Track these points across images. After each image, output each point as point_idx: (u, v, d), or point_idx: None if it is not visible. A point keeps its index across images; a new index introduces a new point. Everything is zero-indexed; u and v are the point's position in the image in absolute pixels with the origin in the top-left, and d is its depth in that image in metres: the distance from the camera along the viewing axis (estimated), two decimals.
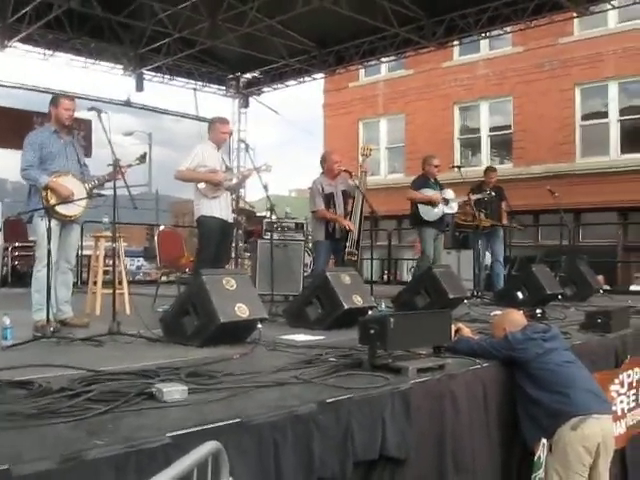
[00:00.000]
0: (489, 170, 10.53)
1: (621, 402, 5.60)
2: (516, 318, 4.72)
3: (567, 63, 18.14)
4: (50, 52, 13.80)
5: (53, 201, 5.63)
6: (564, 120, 18.33)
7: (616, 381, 5.53)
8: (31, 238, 10.09)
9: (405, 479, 3.45)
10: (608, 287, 12.58)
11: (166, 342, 4.94)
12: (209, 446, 1.96)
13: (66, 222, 5.87)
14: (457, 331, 4.82)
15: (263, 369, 3.77)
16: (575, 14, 12.36)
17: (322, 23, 12.95)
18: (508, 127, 19.95)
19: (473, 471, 3.93)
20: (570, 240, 12.68)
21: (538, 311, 6.35)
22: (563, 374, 4.21)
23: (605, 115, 18.19)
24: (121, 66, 15.02)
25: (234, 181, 7.33)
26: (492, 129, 20.41)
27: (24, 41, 13.09)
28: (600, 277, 11.99)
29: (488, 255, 10.62)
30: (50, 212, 5.48)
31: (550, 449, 4.19)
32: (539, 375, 4.24)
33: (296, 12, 11.74)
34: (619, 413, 5.55)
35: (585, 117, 18.53)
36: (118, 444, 2.36)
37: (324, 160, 8.34)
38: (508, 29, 13.44)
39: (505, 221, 10.29)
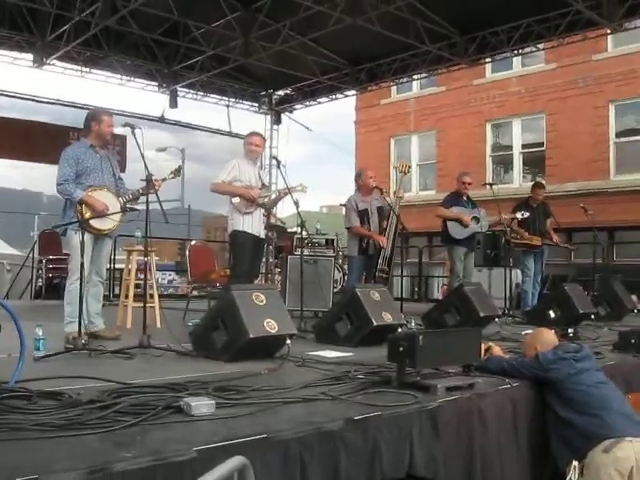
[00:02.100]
0: (536, 186, 10.34)
1: None
2: (548, 337, 4.67)
3: (601, 80, 17.97)
4: (87, 69, 14.02)
5: (88, 215, 5.70)
6: (598, 137, 18.14)
7: None
8: (65, 251, 10.23)
9: None
10: None
11: (195, 356, 4.97)
12: (235, 461, 1.96)
13: (100, 236, 5.95)
14: (487, 350, 4.79)
15: (291, 385, 3.77)
16: (609, 30, 12.24)
17: (354, 40, 12.99)
18: (541, 144, 19.80)
19: None
20: (604, 259, 12.53)
21: (570, 331, 6.26)
22: (596, 395, 4.15)
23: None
24: (155, 83, 15.22)
25: (267, 200, 7.37)
26: (524, 146, 20.26)
27: (62, 59, 13.32)
28: (634, 297, 11.79)
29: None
30: (85, 226, 5.56)
31: (582, 472, 4.12)
32: (571, 396, 4.19)
33: (328, 30, 11.81)
34: None
35: (619, 134, 18.31)
36: (146, 457, 2.38)
37: (359, 176, 8.46)
38: (541, 46, 13.31)
39: (555, 238, 10.14)
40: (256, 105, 17.26)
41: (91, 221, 5.70)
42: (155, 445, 2.54)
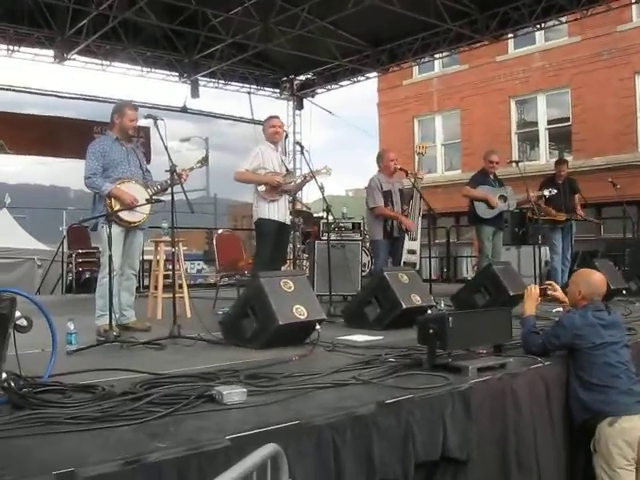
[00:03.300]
0: (559, 162, 10.22)
1: None
2: (596, 283, 4.50)
3: (626, 51, 17.65)
4: (107, 62, 14.06)
5: (117, 208, 5.74)
6: (625, 110, 17.85)
7: None
8: (95, 245, 10.33)
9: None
10: None
11: (226, 345, 5.00)
12: (268, 449, 1.97)
13: (130, 228, 5.98)
14: (545, 289, 4.78)
15: (322, 370, 3.78)
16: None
17: (374, 22, 12.88)
18: (567, 119, 19.54)
19: (537, 471, 3.86)
20: (634, 233, 12.35)
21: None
22: (608, 373, 4.11)
23: None
24: (176, 73, 15.24)
25: (292, 184, 7.35)
26: (550, 122, 20.00)
27: (82, 53, 13.36)
28: None
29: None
30: (115, 219, 5.60)
31: (594, 449, 4.10)
32: (584, 366, 4.16)
33: (347, 12, 11.71)
34: None
35: None
36: (179, 447, 2.39)
37: (380, 158, 8.30)
38: (564, 19, 13.08)
39: (581, 214, 10.02)
40: (277, 91, 17.22)
41: (121, 213, 5.74)
42: (188, 435, 2.55)
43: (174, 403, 2.92)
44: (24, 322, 3.19)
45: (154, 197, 6.04)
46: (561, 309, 5.23)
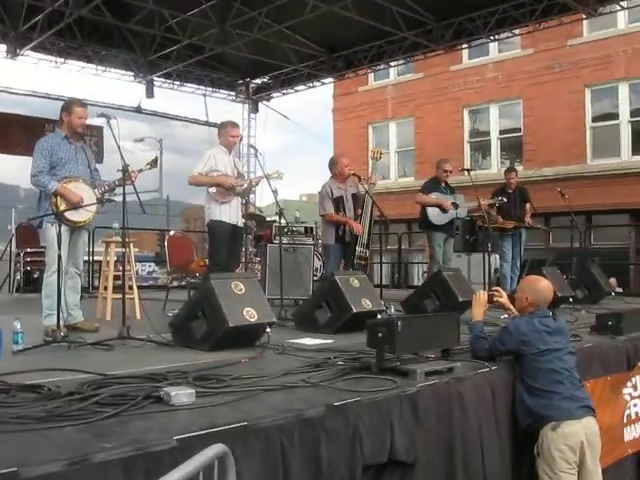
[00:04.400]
0: (508, 171, 10.45)
1: (635, 405, 5.56)
2: (543, 290, 4.57)
3: (577, 65, 18.08)
4: (62, 60, 13.86)
5: (63, 207, 5.65)
6: (574, 122, 18.26)
7: (629, 384, 5.50)
8: (42, 244, 10.14)
9: None
10: (620, 290, 12.53)
11: (175, 346, 4.96)
12: (215, 449, 1.97)
13: (75, 228, 5.91)
14: (491, 296, 4.85)
15: (271, 373, 3.78)
16: (584, 15, 12.30)
17: (330, 28, 12.96)
18: (518, 130, 19.90)
19: (483, 474, 3.92)
20: (581, 243, 12.62)
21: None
22: (552, 379, 4.19)
23: (616, 116, 18.10)
24: (131, 73, 15.09)
25: (245, 186, 7.35)
26: (502, 132, 20.36)
27: (36, 49, 13.15)
28: (612, 280, 11.94)
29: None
30: (60, 218, 5.52)
31: (538, 453, 4.18)
32: (528, 372, 4.24)
33: (305, 17, 11.76)
34: (633, 417, 5.52)
35: (596, 119, 18.44)
36: (126, 447, 2.38)
37: (333, 164, 8.33)
38: (517, 31, 13.31)
39: (529, 222, 10.19)
40: (233, 94, 17.18)
41: (66, 213, 5.65)
42: (135, 435, 2.54)
43: (121, 403, 2.89)
44: None
45: (105, 197, 5.98)
46: (506, 315, 5.32)
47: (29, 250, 11.38)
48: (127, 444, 2.41)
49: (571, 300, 8.15)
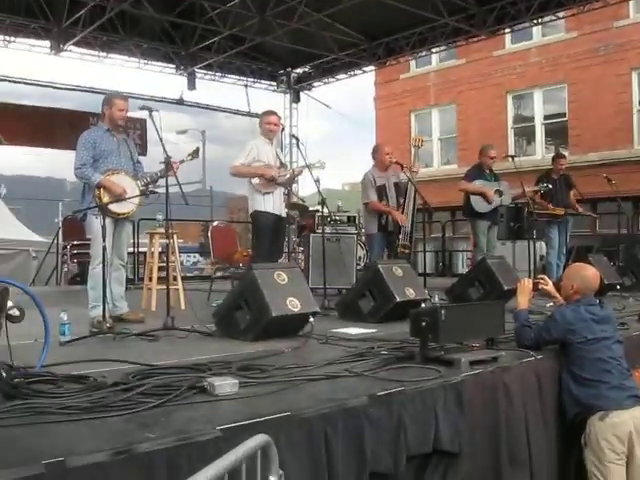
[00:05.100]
0: (558, 157, 10.29)
1: None
2: (590, 278, 4.48)
3: (623, 47, 17.63)
4: (104, 54, 14.03)
5: (106, 199, 5.72)
6: (620, 106, 17.84)
7: None
8: (87, 236, 10.29)
9: (459, 473, 3.42)
10: None
11: (219, 336, 4.99)
12: (258, 439, 1.97)
13: (119, 219, 5.97)
14: (536, 284, 4.79)
15: (314, 362, 3.78)
16: None
17: (371, 15, 12.87)
18: (563, 115, 19.53)
19: (529, 464, 3.87)
20: (629, 228, 12.37)
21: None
22: (599, 368, 4.11)
23: None
24: (173, 65, 15.20)
25: (287, 177, 7.36)
26: (546, 117, 19.99)
27: (79, 44, 13.33)
28: None
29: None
30: (103, 210, 5.58)
31: (585, 443, 4.11)
32: (575, 361, 4.18)
33: (344, 5, 11.72)
34: None
35: None
36: (169, 437, 2.39)
37: (375, 152, 8.30)
38: (560, 14, 13.07)
39: (578, 208, 10.06)
40: (274, 84, 17.19)
41: (110, 205, 5.72)
42: (179, 425, 2.56)
43: (165, 394, 2.92)
44: (16, 312, 3.18)
45: (149, 189, 6.03)
46: (552, 303, 5.24)
47: (75, 243, 11.56)
48: (171, 434, 2.43)
49: (618, 287, 7.99)
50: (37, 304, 3.42)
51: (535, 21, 13.09)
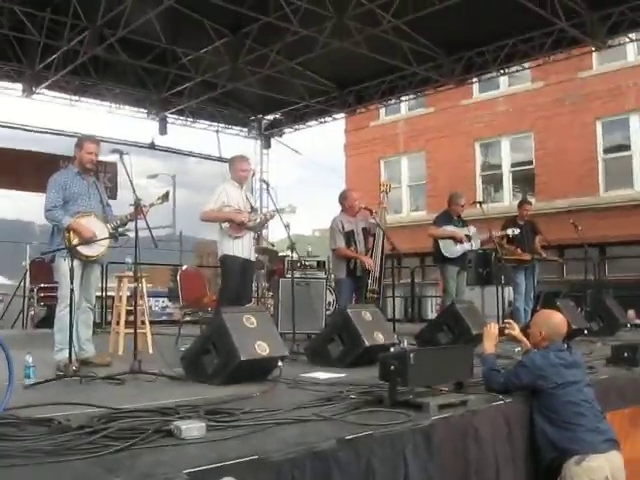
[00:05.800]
0: (523, 203, 10.48)
1: None
2: (557, 324, 4.53)
3: (587, 97, 18.09)
4: (76, 97, 14.08)
5: (75, 241, 5.69)
6: (586, 154, 18.22)
7: None
8: (55, 279, 10.17)
9: None
10: (639, 321, 12.38)
11: (187, 381, 4.94)
12: None
13: (88, 262, 5.93)
14: (503, 328, 4.81)
15: (283, 406, 3.74)
16: (593, 48, 12.37)
17: (341, 63, 13.10)
18: (530, 162, 19.87)
19: None
20: (595, 274, 12.53)
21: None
22: (572, 412, 4.12)
23: (627, 148, 18.03)
24: (145, 110, 15.28)
25: (257, 221, 7.37)
26: (514, 165, 20.32)
27: (51, 87, 13.36)
28: (631, 312, 11.81)
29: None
30: (72, 252, 5.54)
31: None
32: (548, 405, 4.18)
33: (316, 53, 11.90)
34: None
35: (607, 150, 18.38)
36: None
37: (344, 198, 8.36)
38: (526, 65, 13.42)
39: (542, 254, 10.20)
40: (245, 130, 17.35)
41: (79, 247, 5.69)
42: (145, 469, 2.51)
43: (131, 437, 2.87)
44: None
45: (119, 231, 6.01)
46: (519, 348, 5.27)
47: (43, 285, 11.42)
48: (137, 478, 2.39)
49: (586, 332, 8.08)
50: (2, 346, 3.37)
51: (502, 71, 13.43)
